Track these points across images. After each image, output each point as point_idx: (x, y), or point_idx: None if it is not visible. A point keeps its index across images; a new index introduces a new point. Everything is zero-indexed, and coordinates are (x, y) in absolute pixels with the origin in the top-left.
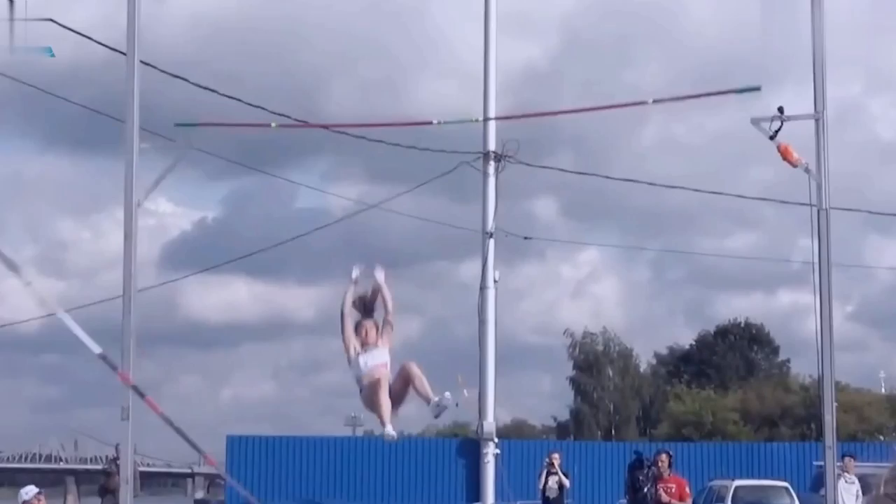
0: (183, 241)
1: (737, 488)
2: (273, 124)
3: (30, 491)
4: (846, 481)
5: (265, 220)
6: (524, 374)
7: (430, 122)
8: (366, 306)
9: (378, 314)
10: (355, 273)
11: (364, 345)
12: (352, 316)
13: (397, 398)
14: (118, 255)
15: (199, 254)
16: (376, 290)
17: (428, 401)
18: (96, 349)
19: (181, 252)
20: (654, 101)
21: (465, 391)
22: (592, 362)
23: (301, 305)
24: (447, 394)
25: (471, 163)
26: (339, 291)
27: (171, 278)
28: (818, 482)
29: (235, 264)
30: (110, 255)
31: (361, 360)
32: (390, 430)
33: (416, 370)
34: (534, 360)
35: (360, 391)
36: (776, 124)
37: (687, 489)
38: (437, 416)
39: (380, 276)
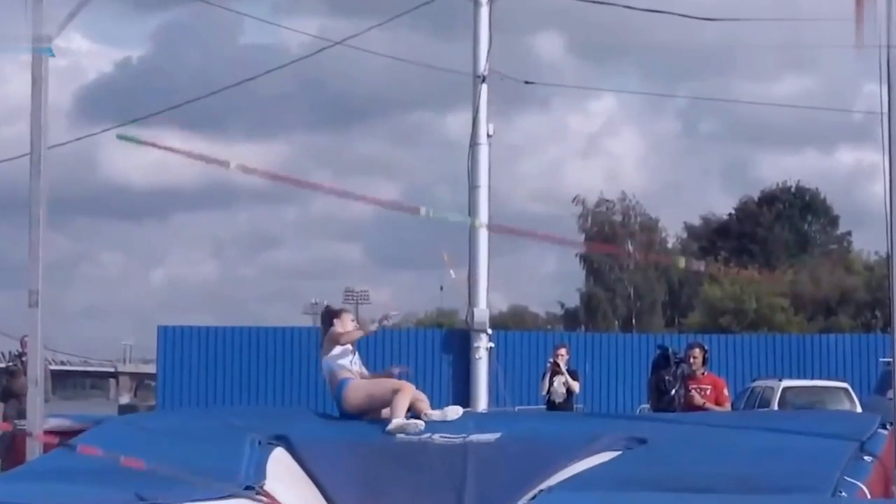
0: (103, 86)
1: (785, 390)
2: (232, 164)
3: None
4: None
5: (204, 60)
6: (525, 250)
7: None
8: None
9: None
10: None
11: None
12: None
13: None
14: (23, 104)
15: (122, 102)
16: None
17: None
18: None
19: (100, 100)
20: None
21: (451, 271)
22: (608, 236)
23: (248, 165)
24: (456, 408)
25: None
26: (294, 148)
27: (89, 133)
28: (884, 382)
29: (168, 115)
30: (11, 105)
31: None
32: (420, 423)
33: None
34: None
35: (343, 387)
36: None
37: (725, 392)
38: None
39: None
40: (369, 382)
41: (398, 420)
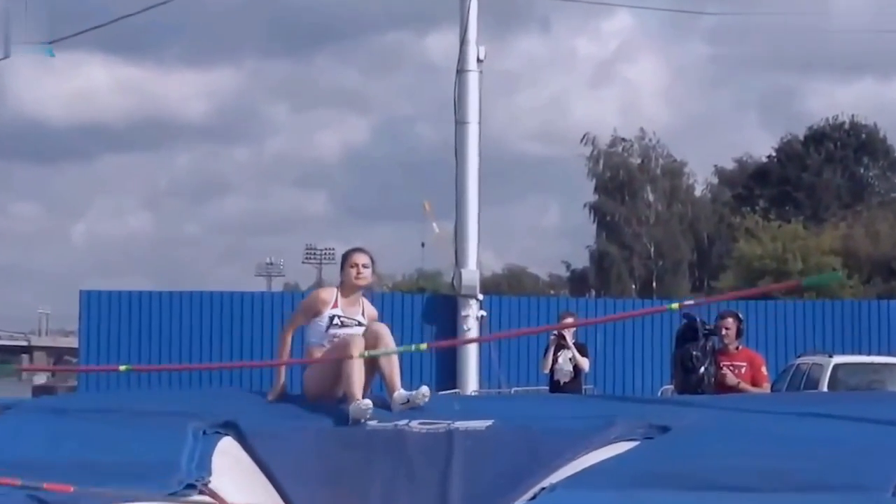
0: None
1: (836, 367)
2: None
3: None
4: None
5: None
6: (523, 200)
7: None
8: None
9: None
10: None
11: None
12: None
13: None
14: None
15: (33, 20)
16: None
17: (391, 393)
18: None
19: (6, 18)
20: None
21: (435, 224)
22: (624, 182)
23: (189, 97)
24: (423, 389)
25: None
26: (245, 76)
27: None
28: None
29: (90, 37)
30: None
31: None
32: (367, 403)
33: (388, 336)
34: (537, 180)
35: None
36: None
37: (763, 370)
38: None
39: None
40: (323, 356)
41: (353, 405)
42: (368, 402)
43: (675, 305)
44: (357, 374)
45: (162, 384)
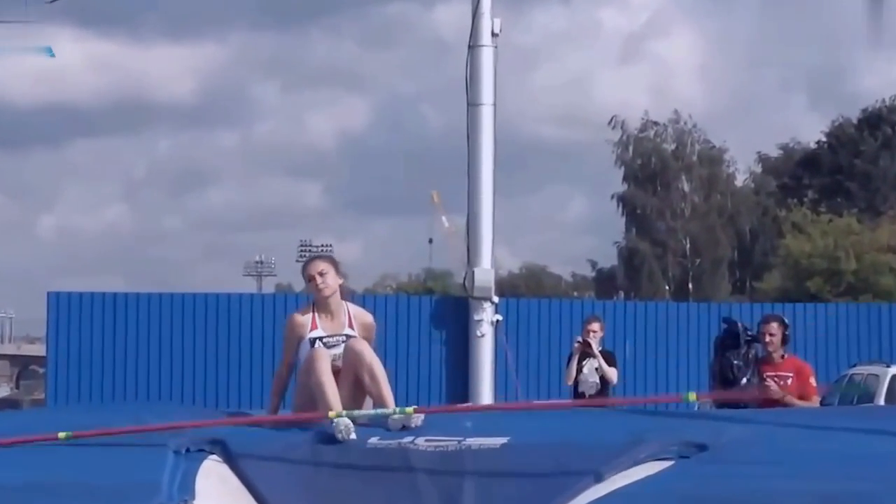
0: None
1: (894, 378)
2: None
3: None
4: None
5: None
6: (542, 191)
7: None
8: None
9: None
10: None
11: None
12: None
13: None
14: None
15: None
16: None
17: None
18: None
19: None
20: None
21: (444, 219)
22: (656, 171)
23: (170, 76)
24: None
25: None
26: (231, 51)
27: None
28: None
29: (60, 7)
30: None
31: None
32: (345, 423)
33: (368, 354)
34: (558, 168)
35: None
36: None
37: (812, 381)
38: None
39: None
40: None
41: (334, 424)
42: (347, 421)
43: (693, 396)
44: (329, 386)
45: (140, 397)
